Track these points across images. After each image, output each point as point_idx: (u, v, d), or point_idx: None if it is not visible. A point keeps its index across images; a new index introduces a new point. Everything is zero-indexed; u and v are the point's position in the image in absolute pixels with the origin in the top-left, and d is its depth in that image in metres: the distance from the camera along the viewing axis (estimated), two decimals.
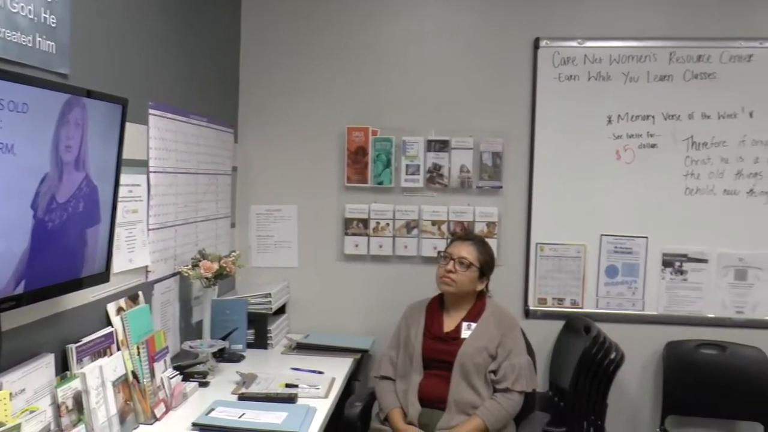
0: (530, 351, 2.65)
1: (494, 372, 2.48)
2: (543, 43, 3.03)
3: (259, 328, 2.88)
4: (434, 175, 3.08)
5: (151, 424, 1.96)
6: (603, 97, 3.04)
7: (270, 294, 2.91)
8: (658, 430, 3.05)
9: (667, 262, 3.08)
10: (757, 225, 3.05)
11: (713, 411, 3.06)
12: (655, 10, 3.05)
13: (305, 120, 3.16)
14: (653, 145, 3.05)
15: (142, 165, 2.24)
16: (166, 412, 2.04)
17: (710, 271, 3.08)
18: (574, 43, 3.03)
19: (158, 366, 2.08)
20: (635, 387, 3.12)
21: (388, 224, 3.10)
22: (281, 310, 3.11)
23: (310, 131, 3.16)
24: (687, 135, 3.05)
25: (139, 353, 2.00)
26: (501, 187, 3.08)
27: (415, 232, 3.09)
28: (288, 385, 2.35)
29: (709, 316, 3.09)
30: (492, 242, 2.93)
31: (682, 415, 3.08)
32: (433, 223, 3.09)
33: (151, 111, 2.29)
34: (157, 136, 2.33)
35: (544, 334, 3.08)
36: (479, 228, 3.06)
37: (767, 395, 2.99)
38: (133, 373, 1.96)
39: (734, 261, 3.07)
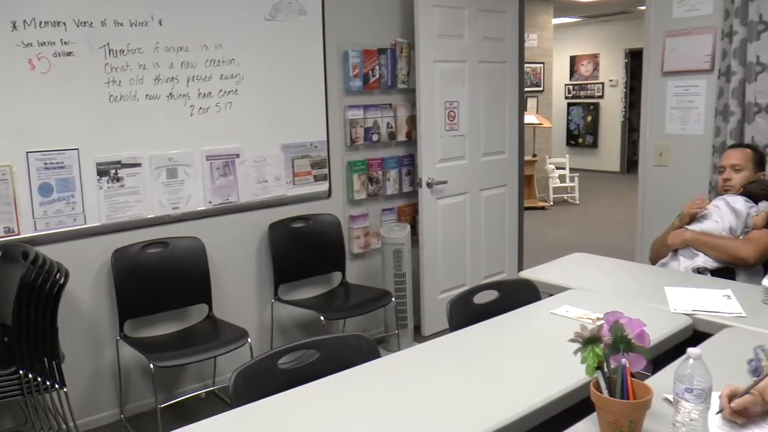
0: None
1: None
2: None
3: None
4: None
5: None
6: (4, 1, 2.72)
7: None
8: (118, 337, 3.14)
9: (102, 171, 3.07)
10: (179, 126, 3.29)
11: (166, 304, 3.30)
12: None
13: None
14: (69, 53, 2.91)
15: None
16: None
17: (144, 175, 3.21)
18: None
19: None
20: (90, 302, 3.12)
21: None
22: None
23: None
24: (103, 42, 3.00)
25: None
26: None
27: None
28: None
29: (150, 216, 3.25)
30: None
31: (139, 317, 3.24)
32: None
33: None
34: None
35: None
36: None
37: (207, 279, 3.39)
38: None
39: (165, 161, 3.27)
